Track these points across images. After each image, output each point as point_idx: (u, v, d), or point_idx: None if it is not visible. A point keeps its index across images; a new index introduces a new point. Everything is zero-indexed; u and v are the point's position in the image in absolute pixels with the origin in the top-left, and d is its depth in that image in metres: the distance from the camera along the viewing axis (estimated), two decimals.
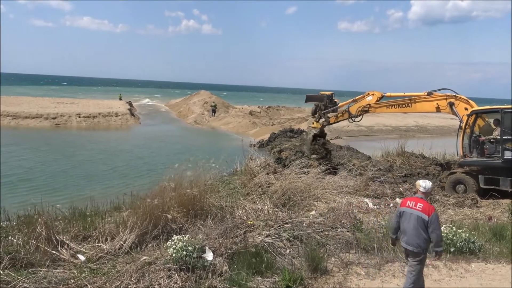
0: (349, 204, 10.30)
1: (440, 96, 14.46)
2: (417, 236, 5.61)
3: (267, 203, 9.35)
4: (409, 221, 5.70)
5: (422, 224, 5.59)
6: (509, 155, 12.54)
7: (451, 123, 32.13)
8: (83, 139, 29.04)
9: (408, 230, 5.70)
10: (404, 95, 15.47)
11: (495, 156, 12.88)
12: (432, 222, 5.56)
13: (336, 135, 34.61)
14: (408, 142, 22.20)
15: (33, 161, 19.84)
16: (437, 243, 5.60)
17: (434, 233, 5.56)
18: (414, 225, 5.63)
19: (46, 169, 18.32)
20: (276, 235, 7.37)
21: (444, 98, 14.32)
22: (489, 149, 13.07)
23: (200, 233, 7.22)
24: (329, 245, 7.47)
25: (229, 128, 38.49)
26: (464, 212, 10.68)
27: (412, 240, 5.66)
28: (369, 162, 18.07)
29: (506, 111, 12.78)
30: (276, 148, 23.57)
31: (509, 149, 12.60)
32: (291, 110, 51.82)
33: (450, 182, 13.70)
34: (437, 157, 19.90)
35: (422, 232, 5.59)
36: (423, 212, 5.62)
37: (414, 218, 5.64)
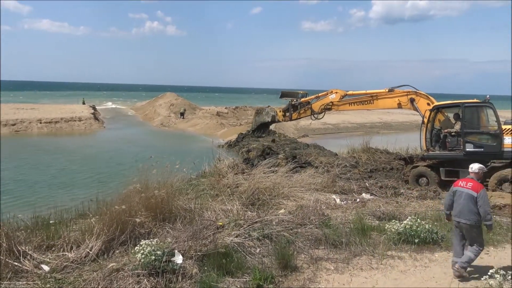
0: (317, 201, 10.45)
1: (401, 93, 14.90)
2: (469, 211, 6.48)
3: (236, 203, 9.37)
4: (461, 198, 6.60)
5: (472, 200, 6.46)
6: (470, 147, 13.13)
7: (413, 119, 33.14)
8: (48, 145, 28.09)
9: (461, 206, 6.58)
10: (366, 92, 15.83)
11: (457, 149, 13.44)
12: (480, 198, 6.42)
13: (303, 134, 35.03)
14: (373, 138, 22.77)
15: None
16: (485, 216, 6.41)
17: (482, 208, 6.40)
18: (465, 201, 6.52)
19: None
20: (245, 235, 7.38)
21: (405, 94, 14.77)
22: (451, 143, 13.62)
23: (169, 237, 7.14)
24: (298, 242, 7.55)
25: (197, 130, 38.25)
26: (427, 204, 11.03)
27: (464, 214, 6.52)
28: (335, 159, 18.39)
29: (467, 105, 13.35)
30: (244, 148, 23.62)
31: (469, 141, 13.16)
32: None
33: (413, 175, 14.16)
34: (401, 152, 20.51)
35: (473, 207, 6.45)
36: (472, 190, 6.50)
37: (465, 195, 6.54)
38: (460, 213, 6.59)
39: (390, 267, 7.03)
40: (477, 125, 13.40)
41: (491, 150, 12.93)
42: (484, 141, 13.12)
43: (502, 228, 9.07)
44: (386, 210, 9.98)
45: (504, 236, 8.64)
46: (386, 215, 9.62)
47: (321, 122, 41.99)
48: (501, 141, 12.70)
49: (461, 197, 6.60)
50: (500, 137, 12.71)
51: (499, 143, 12.74)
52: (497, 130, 12.82)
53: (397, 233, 8.05)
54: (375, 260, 7.24)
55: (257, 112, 18.11)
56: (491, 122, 13.23)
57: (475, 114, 13.52)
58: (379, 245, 7.80)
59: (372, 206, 10.53)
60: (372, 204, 10.87)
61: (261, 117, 17.67)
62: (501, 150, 12.70)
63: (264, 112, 17.62)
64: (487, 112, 13.29)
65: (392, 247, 7.81)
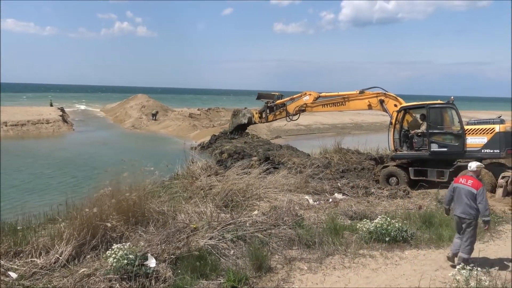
0: (291, 202, 10.52)
1: (371, 94, 15.25)
2: (469, 207, 6.91)
3: (210, 206, 9.33)
4: (461, 194, 7.00)
5: (472, 197, 6.88)
6: (435, 147, 13.56)
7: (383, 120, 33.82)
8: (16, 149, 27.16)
9: (461, 202, 6.99)
10: (338, 94, 16.15)
11: (423, 149, 13.86)
12: (479, 194, 6.85)
13: (276, 135, 35.22)
14: (344, 139, 23.11)
15: None
16: (484, 212, 6.85)
17: (481, 204, 6.82)
18: (465, 198, 6.93)
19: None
20: (219, 237, 7.37)
21: (375, 96, 15.12)
22: (417, 143, 14.05)
23: (142, 240, 7.05)
24: (272, 243, 7.59)
25: (169, 132, 37.87)
26: (397, 203, 11.30)
27: (465, 210, 6.94)
28: (308, 159, 18.58)
29: (431, 106, 13.79)
30: (218, 150, 23.54)
31: (434, 142, 13.58)
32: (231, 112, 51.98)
33: (383, 175, 14.47)
34: (371, 152, 20.92)
35: (473, 203, 6.88)
36: (472, 187, 6.92)
37: (465, 192, 6.95)
38: (460, 209, 7.02)
39: (362, 265, 7.16)
40: (441, 126, 13.87)
41: (455, 149, 13.40)
42: (448, 141, 13.60)
43: None
44: (358, 210, 10.18)
45: None
46: (357, 214, 9.81)
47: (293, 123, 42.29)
48: (463, 141, 13.15)
49: (462, 194, 7.00)
50: (463, 137, 13.16)
51: (462, 143, 13.20)
52: (460, 130, 13.28)
53: (369, 232, 8.21)
54: (348, 259, 7.36)
55: (234, 114, 18.39)
56: (455, 123, 13.71)
57: (439, 115, 14.02)
58: (351, 244, 7.94)
59: (344, 206, 10.71)
60: (344, 204, 11.05)
61: (237, 119, 17.93)
62: (464, 149, 13.17)
63: (241, 114, 17.85)
64: (451, 113, 13.77)
65: (363, 246, 7.96)
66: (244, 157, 19.13)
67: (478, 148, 12.94)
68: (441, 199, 11.14)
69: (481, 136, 12.93)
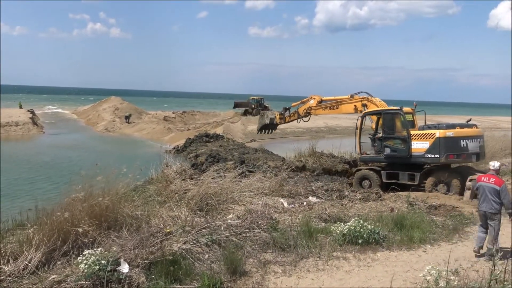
0: (266, 205, 10.52)
1: (358, 99, 15.74)
2: (494, 202, 7.64)
3: (184, 209, 9.26)
4: (485, 191, 7.75)
5: (496, 193, 7.62)
6: (388, 151, 14.21)
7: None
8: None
9: (486, 198, 7.74)
10: (335, 98, 16.93)
11: (381, 152, 14.42)
12: (503, 191, 7.60)
13: (252, 138, 35.28)
14: (319, 142, 23.35)
15: None
16: (508, 206, 7.58)
17: (505, 199, 7.56)
18: (489, 194, 7.69)
19: None
20: (194, 241, 7.32)
21: (360, 100, 15.60)
22: (377, 147, 14.71)
23: (115, 245, 6.93)
24: (247, 247, 7.59)
25: (143, 135, 37.42)
26: (370, 205, 11.47)
27: (489, 205, 7.69)
28: (283, 163, 18.70)
29: (385, 112, 14.55)
30: (192, 153, 23.42)
31: (387, 146, 14.17)
32: (206, 115, 51.80)
33: (356, 178, 14.74)
34: (345, 155, 21.21)
35: (497, 198, 7.62)
36: (495, 184, 7.67)
37: (489, 189, 7.70)
38: (486, 204, 7.76)
39: (335, 267, 7.25)
40: (392, 131, 14.46)
41: (402, 154, 14.01)
42: (397, 146, 14.24)
43: (438, 227, 9.64)
44: (332, 213, 10.30)
45: (439, 235, 9.18)
46: (331, 217, 9.92)
47: None
48: (409, 146, 13.66)
49: (486, 191, 7.75)
50: (409, 142, 13.69)
51: (407, 147, 13.74)
52: (406, 135, 13.82)
53: (342, 234, 8.32)
54: (322, 261, 7.44)
55: (261, 115, 19.35)
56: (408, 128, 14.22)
57: (392, 121, 14.58)
58: (325, 247, 8.02)
59: (318, 209, 10.80)
60: (318, 207, 11.15)
61: (263, 120, 19.00)
62: (410, 154, 13.71)
63: (265, 115, 18.73)
64: (403, 118, 14.25)
65: (337, 248, 8.06)
66: (219, 160, 19.12)
67: (421, 153, 13.45)
68: (412, 202, 11.42)
69: (424, 141, 13.45)
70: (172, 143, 31.01)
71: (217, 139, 30.15)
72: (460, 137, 13.14)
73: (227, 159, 20.02)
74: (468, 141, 13.09)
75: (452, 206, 11.41)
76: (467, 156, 13.25)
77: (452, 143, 13.10)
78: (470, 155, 13.25)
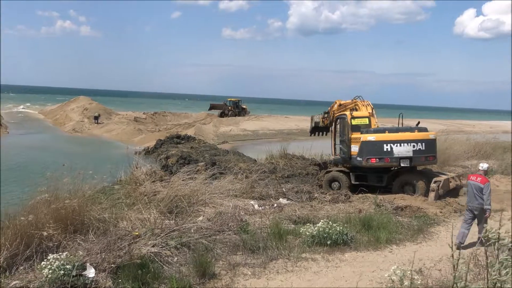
0: (236, 207, 10.55)
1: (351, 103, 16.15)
2: (476, 198, 8.68)
3: (154, 212, 9.16)
4: (472, 188, 8.80)
5: (480, 190, 8.61)
6: (341, 153, 14.99)
7: None
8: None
9: (472, 194, 8.80)
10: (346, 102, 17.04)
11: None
12: (485, 187, 8.60)
13: (223, 140, 35.21)
14: (290, 144, 23.57)
15: None
16: (486, 202, 8.56)
17: (485, 195, 8.56)
18: (473, 191, 8.74)
19: None
20: (163, 244, 7.26)
21: (353, 104, 15.96)
22: (340, 149, 15.39)
23: (81, 249, 6.78)
24: (216, 249, 7.58)
25: (112, 136, 36.74)
26: (339, 207, 11.64)
27: (472, 200, 8.79)
28: (254, 165, 18.75)
29: (338, 117, 15.34)
30: (163, 155, 23.16)
31: (341, 148, 15.08)
32: (178, 116, 51.35)
33: (326, 180, 14.93)
34: (316, 157, 21.46)
35: (481, 194, 8.58)
36: (480, 182, 8.69)
37: (475, 186, 8.73)
38: (471, 200, 8.82)
39: (304, 269, 7.33)
40: (342, 134, 15.05)
41: (345, 156, 14.61)
42: (344, 148, 14.80)
43: (404, 228, 9.88)
44: (301, 214, 10.40)
45: (405, 235, 9.42)
46: (301, 219, 10.02)
47: (240, 128, 42.50)
48: (350, 149, 14.25)
49: (472, 188, 8.79)
50: (349, 145, 14.30)
51: (348, 150, 14.33)
52: (346, 138, 14.48)
53: (311, 236, 8.42)
54: (291, 263, 7.51)
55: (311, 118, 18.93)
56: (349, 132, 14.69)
57: (340, 124, 15.23)
58: (294, 248, 8.10)
59: (288, 211, 10.89)
60: (288, 208, 11.24)
61: (312, 122, 18.69)
62: (350, 156, 14.29)
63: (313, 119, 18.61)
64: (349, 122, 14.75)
65: (306, 249, 8.15)
66: (190, 162, 18.97)
67: (355, 156, 14.01)
68: (379, 203, 11.67)
69: (356, 145, 14.00)
70: (142, 145, 30.58)
71: (188, 141, 29.93)
72: (383, 141, 13.38)
73: (198, 160, 19.89)
74: (394, 146, 13.30)
75: (418, 207, 11.72)
76: (391, 160, 13.42)
77: (374, 147, 13.44)
78: (397, 159, 13.36)
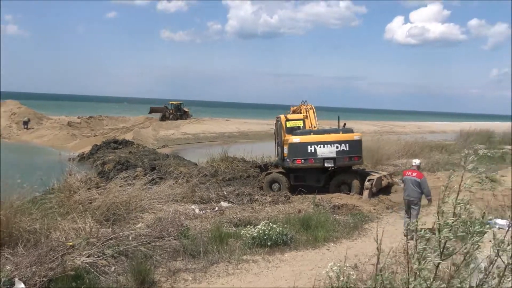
0: (176, 212, 10.41)
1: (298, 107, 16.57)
2: (414, 191, 9.48)
3: (89, 221, 8.80)
4: (408, 183, 9.58)
5: (416, 184, 9.44)
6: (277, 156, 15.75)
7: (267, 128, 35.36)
8: None
9: (409, 188, 9.56)
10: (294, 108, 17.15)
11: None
12: (423, 182, 9.48)
13: (163, 144, 34.56)
14: (231, 147, 23.63)
15: None
16: (427, 194, 9.51)
17: (425, 189, 9.46)
18: (412, 185, 9.49)
19: None
20: (99, 254, 7.00)
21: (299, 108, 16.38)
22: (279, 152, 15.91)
23: (8, 264, 6.37)
24: (156, 256, 7.45)
25: (43, 142, 34.81)
26: (279, 208, 11.86)
27: (411, 194, 9.52)
28: (195, 168, 18.60)
29: (277, 120, 15.78)
30: (99, 160, 22.32)
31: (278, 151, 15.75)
32: (115, 120, 49.55)
33: (266, 181, 15.14)
34: (257, 160, 21.69)
35: (417, 189, 9.45)
36: (417, 177, 9.53)
37: (412, 181, 9.52)
38: (408, 193, 9.59)
39: (245, 271, 7.41)
40: (278, 136, 15.69)
41: (280, 157, 15.36)
42: (279, 150, 15.53)
43: (340, 226, 10.28)
44: (242, 217, 10.49)
45: (341, 233, 9.81)
46: (242, 221, 10.11)
47: (181, 132, 41.95)
48: (283, 150, 14.91)
49: (409, 182, 9.57)
50: (282, 147, 15.00)
51: (282, 152, 15.01)
52: (280, 140, 15.18)
53: (252, 237, 8.54)
54: (232, 265, 7.56)
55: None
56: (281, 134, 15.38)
57: (277, 127, 15.87)
58: (235, 251, 8.15)
59: (229, 214, 10.94)
60: (229, 211, 11.28)
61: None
62: (283, 158, 14.91)
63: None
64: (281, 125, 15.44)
65: (247, 251, 8.24)
66: (128, 167, 18.43)
67: (286, 157, 14.66)
68: (317, 203, 12.04)
69: (286, 147, 14.68)
70: (77, 150, 29.16)
71: (126, 146, 29.07)
72: (307, 143, 13.93)
73: (136, 166, 19.37)
74: (317, 147, 13.83)
75: (353, 205, 12.25)
76: (315, 161, 13.92)
77: (299, 148, 14.00)
78: (321, 160, 13.88)
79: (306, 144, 13.89)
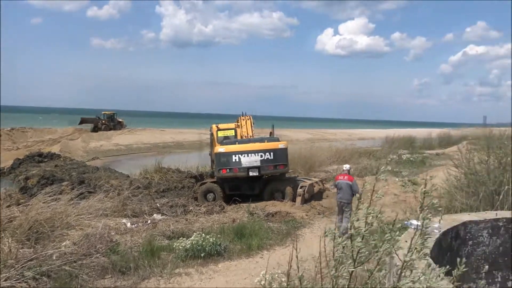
0: (106, 227, 10.00)
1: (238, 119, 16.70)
2: (347, 194, 10.36)
3: (9, 241, 8.18)
4: (342, 186, 10.46)
5: (349, 187, 10.36)
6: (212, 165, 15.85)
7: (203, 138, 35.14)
8: None
9: (342, 191, 10.43)
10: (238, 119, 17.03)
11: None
12: (354, 184, 10.43)
13: (94, 156, 33.09)
14: (165, 158, 23.19)
15: None
16: (358, 191, 10.10)
17: (356, 189, 10.27)
18: (345, 188, 10.38)
19: None
20: (18, 276, 6.53)
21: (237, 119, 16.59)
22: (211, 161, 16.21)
23: None
24: (82, 275, 7.09)
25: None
26: (214, 218, 11.79)
27: (345, 196, 10.39)
28: (127, 181, 18.02)
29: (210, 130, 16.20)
30: (22, 175, 20.89)
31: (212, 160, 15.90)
32: (41, 132, 46.61)
33: (201, 191, 15.00)
34: (192, 170, 21.45)
35: (350, 191, 10.34)
36: (348, 180, 10.50)
37: (344, 184, 10.43)
38: (341, 195, 10.43)
39: (177, 284, 7.26)
40: (210, 146, 16.07)
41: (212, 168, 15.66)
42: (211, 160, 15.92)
43: (274, 233, 10.43)
44: (176, 229, 10.30)
45: (275, 240, 9.94)
46: (175, 233, 9.91)
47: (113, 143, 40.49)
48: (213, 161, 15.15)
49: (342, 186, 10.45)
50: (212, 158, 15.30)
51: (212, 162, 15.33)
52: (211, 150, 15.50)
53: (185, 250, 8.40)
54: (164, 280, 7.37)
55: None
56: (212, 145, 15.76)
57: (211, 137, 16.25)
58: (167, 264, 7.97)
59: (162, 226, 10.69)
60: (163, 224, 11.03)
61: None
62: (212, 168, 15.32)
63: None
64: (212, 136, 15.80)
65: (180, 264, 8.08)
66: (54, 182, 17.43)
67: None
68: (252, 211, 12.13)
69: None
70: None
71: (52, 159, 27.49)
72: (232, 153, 14.05)
73: (63, 180, 18.37)
74: (242, 156, 13.98)
75: (287, 212, 12.48)
76: (240, 170, 14.04)
77: (224, 158, 14.14)
78: (246, 169, 14.00)
79: (231, 154, 13.96)
